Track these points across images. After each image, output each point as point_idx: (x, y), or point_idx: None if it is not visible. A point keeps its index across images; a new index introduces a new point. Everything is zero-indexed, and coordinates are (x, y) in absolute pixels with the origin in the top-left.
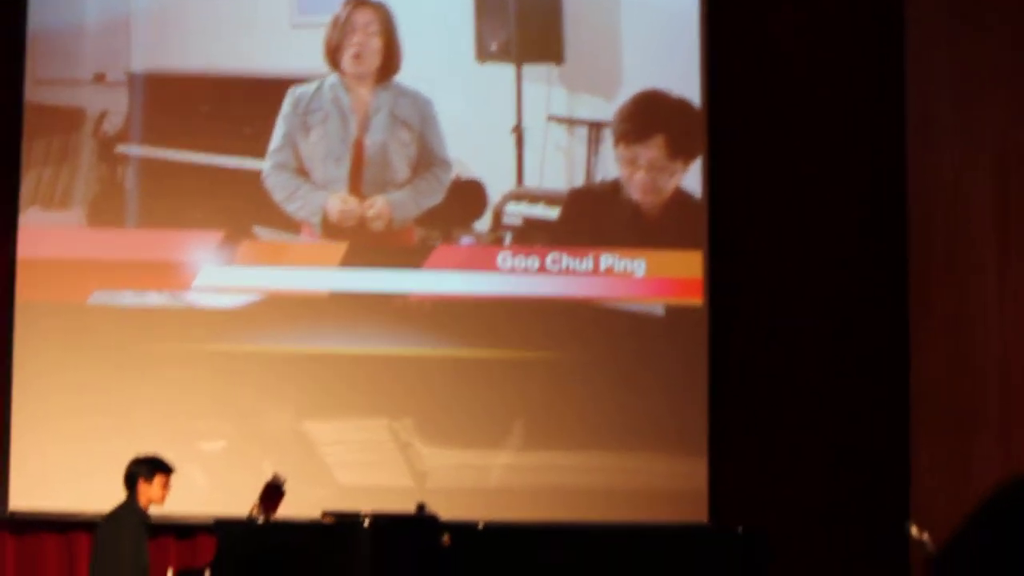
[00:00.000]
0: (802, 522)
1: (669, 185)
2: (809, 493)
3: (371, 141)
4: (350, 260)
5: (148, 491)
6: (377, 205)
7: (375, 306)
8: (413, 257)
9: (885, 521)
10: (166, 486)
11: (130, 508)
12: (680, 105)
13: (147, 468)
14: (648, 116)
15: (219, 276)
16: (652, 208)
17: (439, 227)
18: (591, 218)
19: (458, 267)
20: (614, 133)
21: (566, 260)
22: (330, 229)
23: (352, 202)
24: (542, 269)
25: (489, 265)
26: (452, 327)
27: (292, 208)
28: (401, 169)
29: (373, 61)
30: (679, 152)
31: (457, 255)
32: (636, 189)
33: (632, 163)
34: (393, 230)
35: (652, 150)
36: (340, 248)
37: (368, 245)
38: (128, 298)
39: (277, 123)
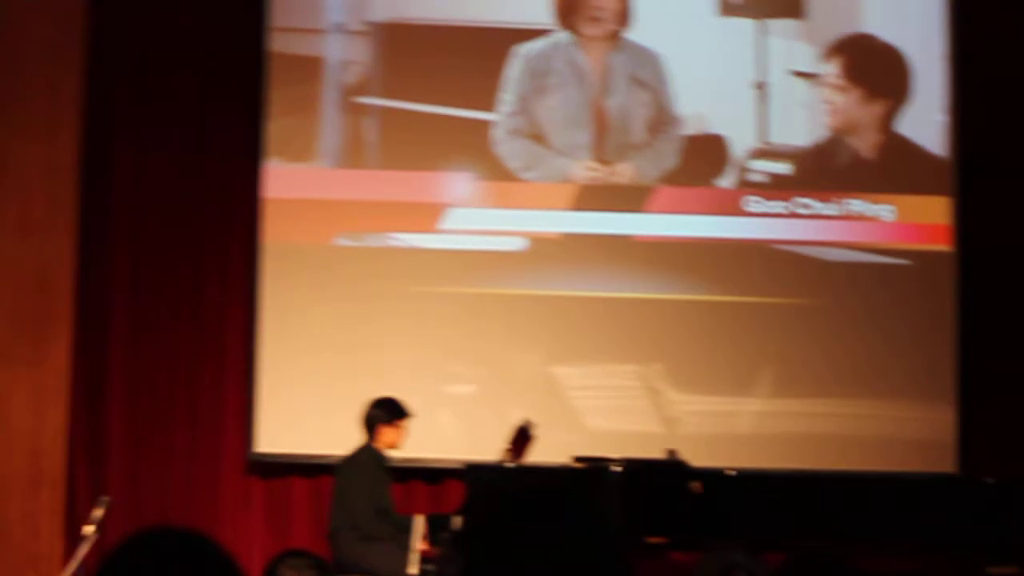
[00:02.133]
0: None
1: (865, 120)
2: None
3: (612, 104)
4: (594, 205)
5: (390, 435)
6: (627, 172)
7: (624, 250)
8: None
9: None
10: (405, 430)
11: (368, 451)
12: (886, 48)
13: (388, 412)
14: (853, 55)
15: (467, 218)
16: (870, 152)
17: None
18: (831, 171)
19: (706, 212)
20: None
21: (814, 205)
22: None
23: (601, 169)
24: (791, 214)
25: (736, 210)
26: (700, 272)
27: (532, 176)
28: (639, 131)
29: (610, 23)
30: (879, 92)
31: (704, 199)
32: (839, 123)
33: (830, 101)
34: None
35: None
36: (585, 193)
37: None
38: (374, 240)
39: (506, 86)
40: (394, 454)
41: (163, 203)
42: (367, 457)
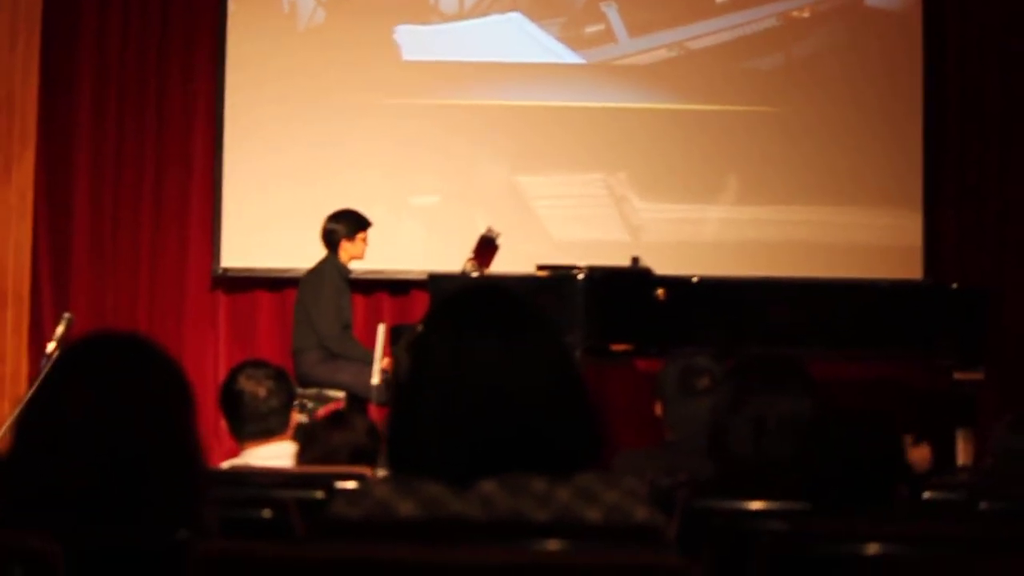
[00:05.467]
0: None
1: None
2: None
3: None
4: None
5: (350, 249)
6: None
7: (589, 59)
8: None
9: None
10: (366, 241)
11: (330, 264)
12: None
13: (347, 226)
14: None
15: (430, 30)
16: None
17: None
18: None
19: (671, 25)
20: None
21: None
22: None
23: None
24: (754, 21)
25: (704, 15)
26: (665, 80)
27: None
28: None
29: None
30: None
31: (671, 6)
32: None
33: None
34: None
35: None
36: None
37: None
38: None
39: None
40: (358, 265)
41: (127, 17)
42: (330, 271)
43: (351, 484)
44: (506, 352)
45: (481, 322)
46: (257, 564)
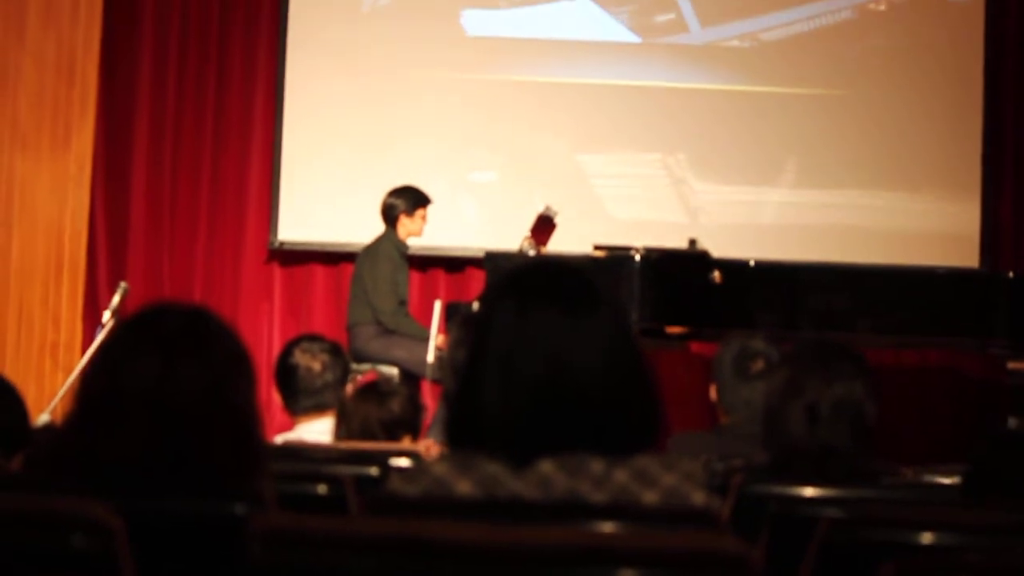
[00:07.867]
0: None
1: None
2: None
3: None
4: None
5: (409, 225)
6: None
7: (652, 40)
8: None
9: None
10: (425, 218)
11: (388, 239)
12: None
13: (407, 202)
14: None
15: (496, 15)
16: None
17: None
18: None
19: (745, 15)
20: None
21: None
22: None
23: None
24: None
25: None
26: (727, 63)
27: None
28: None
29: None
30: None
31: None
32: None
33: None
34: None
35: None
36: None
37: None
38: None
39: None
40: (414, 242)
41: None
42: (388, 246)
43: (404, 461)
44: (570, 329)
45: (545, 297)
46: (316, 539)
